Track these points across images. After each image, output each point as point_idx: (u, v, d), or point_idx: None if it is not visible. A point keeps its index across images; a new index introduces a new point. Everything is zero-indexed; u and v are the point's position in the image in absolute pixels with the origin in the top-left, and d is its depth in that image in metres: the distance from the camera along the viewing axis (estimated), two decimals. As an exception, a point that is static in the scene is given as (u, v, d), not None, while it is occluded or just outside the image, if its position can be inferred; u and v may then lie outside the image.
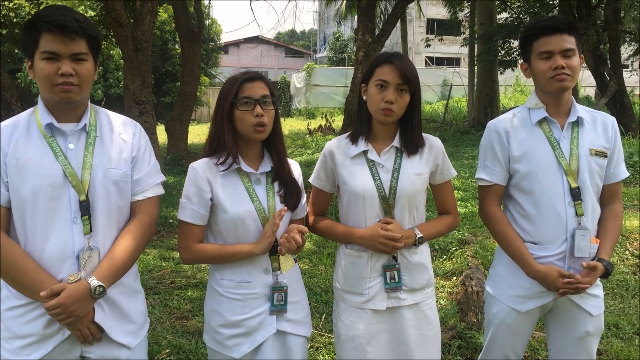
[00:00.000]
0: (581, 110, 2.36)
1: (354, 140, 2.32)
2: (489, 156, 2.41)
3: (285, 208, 2.15)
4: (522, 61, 2.42)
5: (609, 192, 2.38)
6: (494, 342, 2.48)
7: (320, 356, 3.61)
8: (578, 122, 2.34)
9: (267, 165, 2.22)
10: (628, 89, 14.96)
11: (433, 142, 2.34)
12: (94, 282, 1.84)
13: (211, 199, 2.13)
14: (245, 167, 2.17)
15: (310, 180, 2.43)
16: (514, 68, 17.39)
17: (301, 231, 2.11)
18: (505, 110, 19.87)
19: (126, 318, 2.03)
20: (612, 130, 2.36)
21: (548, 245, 2.31)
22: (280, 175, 2.22)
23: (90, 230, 1.91)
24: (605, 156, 2.32)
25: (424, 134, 2.34)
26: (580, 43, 2.29)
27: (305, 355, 2.33)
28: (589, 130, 2.34)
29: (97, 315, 1.92)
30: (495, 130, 2.40)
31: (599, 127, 2.36)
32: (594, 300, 2.35)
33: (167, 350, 3.65)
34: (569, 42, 2.23)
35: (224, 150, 2.15)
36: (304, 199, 2.33)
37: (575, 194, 2.27)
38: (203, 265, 5.30)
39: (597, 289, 2.38)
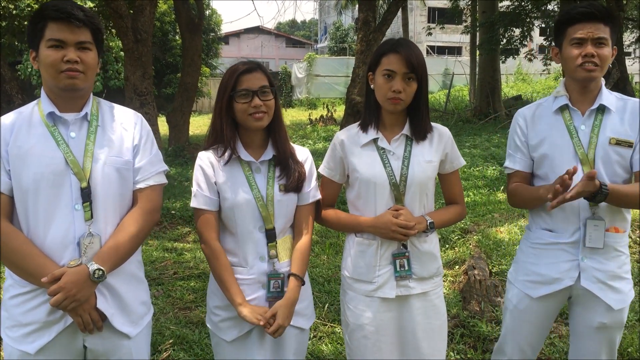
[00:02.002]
0: (608, 97, 2.30)
1: (363, 128, 2.32)
2: (512, 144, 2.46)
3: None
4: (553, 45, 2.40)
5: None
6: (508, 329, 2.49)
7: (324, 345, 3.62)
8: (603, 110, 2.29)
9: (269, 154, 2.23)
10: (630, 76, 14.89)
11: (442, 130, 2.34)
12: (92, 265, 1.86)
13: (215, 183, 2.18)
14: (245, 156, 2.19)
15: (320, 169, 2.43)
16: (515, 56, 17.31)
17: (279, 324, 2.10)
18: (507, 99, 19.78)
19: (127, 307, 2.04)
20: None
21: (561, 232, 2.30)
22: (281, 161, 2.23)
23: (91, 217, 1.93)
24: (630, 146, 2.24)
25: (433, 124, 2.34)
26: (615, 34, 2.24)
27: (303, 347, 2.33)
28: (614, 119, 2.28)
29: (99, 302, 1.94)
30: (517, 119, 2.45)
31: (628, 115, 2.28)
32: (617, 294, 2.29)
33: (171, 341, 3.67)
34: (603, 31, 2.19)
35: (221, 142, 2.19)
36: (311, 185, 2.30)
37: None
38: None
39: (623, 283, 2.31)
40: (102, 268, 1.87)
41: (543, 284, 2.35)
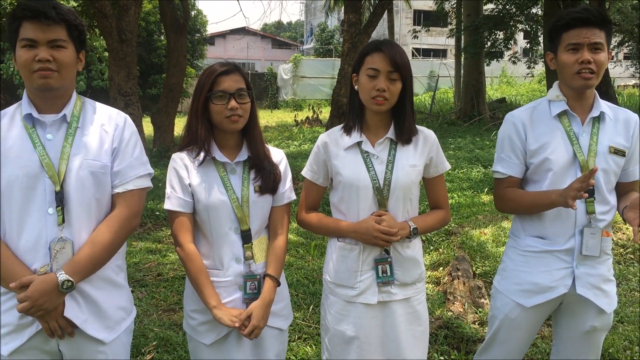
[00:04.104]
0: (604, 106, 2.29)
1: (347, 131, 2.30)
2: (506, 148, 2.38)
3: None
4: (548, 51, 2.35)
5: (623, 191, 2.33)
6: (496, 337, 2.46)
7: (308, 347, 3.62)
8: (600, 118, 2.27)
9: (243, 155, 2.22)
10: (612, 80, 15.09)
11: (428, 134, 2.31)
12: (62, 276, 1.82)
13: (189, 185, 2.16)
14: (220, 157, 2.18)
15: (303, 172, 2.41)
16: (499, 59, 17.44)
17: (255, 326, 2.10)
18: (491, 102, 19.89)
19: (102, 312, 2.00)
20: (634, 129, 2.29)
21: (555, 239, 2.28)
22: (256, 163, 2.22)
23: (63, 221, 1.89)
24: (624, 155, 2.25)
25: (418, 127, 2.31)
26: (610, 38, 2.22)
27: (283, 348, 2.33)
28: (610, 127, 2.27)
29: (68, 310, 1.90)
30: (513, 123, 2.36)
31: (621, 125, 2.28)
32: (608, 297, 2.30)
33: (154, 343, 3.64)
34: (599, 36, 2.15)
35: (196, 143, 2.17)
36: (286, 186, 2.30)
37: (589, 191, 2.16)
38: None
39: (611, 285, 2.33)
40: (71, 279, 1.83)
41: (537, 293, 2.31)
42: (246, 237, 2.18)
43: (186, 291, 2.29)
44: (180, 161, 2.17)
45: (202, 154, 2.15)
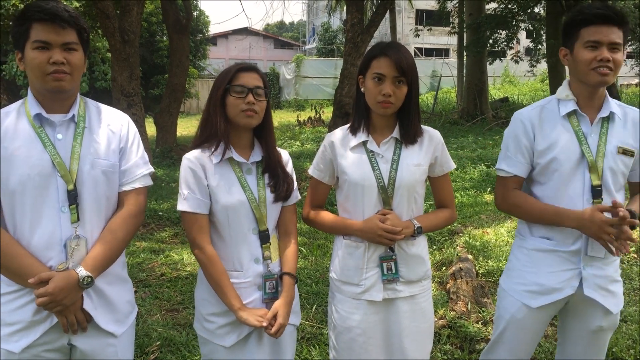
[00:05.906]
0: (614, 105, 2.26)
1: (353, 131, 2.32)
2: (511, 146, 2.34)
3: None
4: (562, 47, 2.31)
5: (632, 192, 2.32)
6: (502, 337, 2.44)
7: (312, 347, 3.62)
8: (609, 118, 2.24)
9: (257, 155, 2.23)
10: (615, 79, 15.03)
11: (433, 133, 2.34)
12: (82, 272, 1.86)
13: (207, 186, 2.15)
14: (236, 156, 2.18)
15: (310, 171, 2.44)
16: (502, 59, 17.40)
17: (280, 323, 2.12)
18: (494, 101, 19.81)
19: (112, 306, 2.04)
20: None
21: (562, 241, 2.26)
22: (270, 166, 2.24)
23: (78, 219, 1.93)
24: (632, 155, 2.22)
25: (424, 127, 2.33)
26: (626, 38, 2.19)
27: (294, 344, 2.37)
28: (619, 127, 2.24)
29: (85, 303, 1.94)
30: (522, 121, 2.33)
31: (629, 124, 2.25)
32: (615, 298, 2.28)
33: (158, 343, 3.65)
34: (618, 35, 2.13)
35: (215, 137, 2.16)
36: (294, 186, 2.34)
37: (596, 192, 2.18)
38: (192, 258, 5.28)
39: (618, 286, 2.31)
40: (90, 275, 1.87)
41: (543, 294, 2.30)
42: (264, 237, 2.20)
43: (200, 295, 2.26)
44: (197, 161, 2.14)
45: (221, 148, 2.14)
